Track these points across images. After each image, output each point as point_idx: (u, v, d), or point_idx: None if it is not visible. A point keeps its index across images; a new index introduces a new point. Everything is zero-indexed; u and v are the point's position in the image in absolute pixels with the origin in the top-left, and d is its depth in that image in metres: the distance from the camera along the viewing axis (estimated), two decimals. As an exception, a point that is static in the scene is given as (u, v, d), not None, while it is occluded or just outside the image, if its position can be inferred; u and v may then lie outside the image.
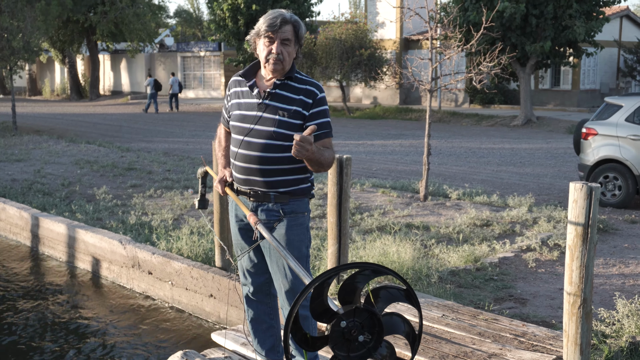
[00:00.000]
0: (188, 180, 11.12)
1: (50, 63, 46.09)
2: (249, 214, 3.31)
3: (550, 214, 8.26)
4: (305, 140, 2.96)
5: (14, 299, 6.92)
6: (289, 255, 2.71)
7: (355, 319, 2.21)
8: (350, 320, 2.20)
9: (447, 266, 6.19)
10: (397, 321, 2.36)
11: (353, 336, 2.21)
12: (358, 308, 2.22)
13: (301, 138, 2.95)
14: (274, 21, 3.27)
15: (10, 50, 19.07)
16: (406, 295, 2.33)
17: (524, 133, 20.62)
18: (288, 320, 2.20)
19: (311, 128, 3.02)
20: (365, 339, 2.23)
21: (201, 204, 3.87)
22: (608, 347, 4.20)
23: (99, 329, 6.09)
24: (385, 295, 2.33)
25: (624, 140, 9.16)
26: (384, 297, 2.32)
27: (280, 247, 2.81)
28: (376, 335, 2.24)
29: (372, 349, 2.25)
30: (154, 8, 38.95)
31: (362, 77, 26.77)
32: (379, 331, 2.24)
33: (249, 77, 3.45)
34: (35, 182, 10.87)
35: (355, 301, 2.25)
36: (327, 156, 3.26)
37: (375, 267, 2.27)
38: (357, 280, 2.27)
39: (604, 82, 29.19)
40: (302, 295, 2.19)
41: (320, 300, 2.25)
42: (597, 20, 20.88)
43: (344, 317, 2.20)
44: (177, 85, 30.88)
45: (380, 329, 2.24)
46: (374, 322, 2.23)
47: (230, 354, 4.38)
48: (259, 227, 3.15)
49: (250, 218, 3.28)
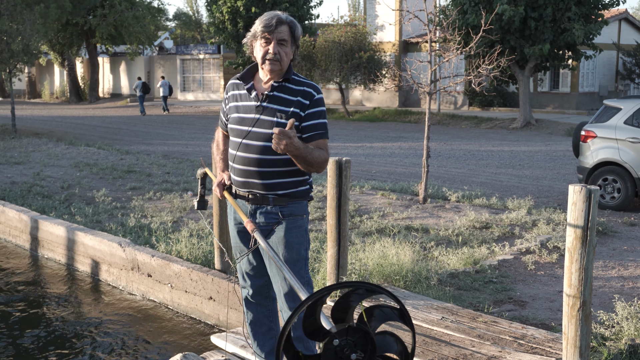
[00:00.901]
0: (187, 182, 11.12)
1: (49, 66, 46.12)
2: (246, 220, 3.27)
3: (549, 217, 8.27)
4: (282, 133, 2.99)
5: (13, 301, 6.91)
6: (285, 266, 2.72)
7: (348, 337, 2.22)
8: (342, 338, 2.20)
9: (446, 268, 6.19)
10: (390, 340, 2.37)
11: (345, 354, 2.22)
12: (351, 327, 2.23)
13: (279, 130, 2.99)
14: (270, 22, 3.28)
15: (9, 53, 19.09)
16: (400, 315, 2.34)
17: (523, 135, 20.64)
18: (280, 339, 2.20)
19: (290, 122, 3.04)
20: (357, 357, 2.24)
21: (200, 205, 3.87)
22: (607, 349, 4.20)
23: (98, 332, 6.09)
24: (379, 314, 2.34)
25: (623, 142, 9.17)
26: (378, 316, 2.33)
27: (277, 258, 2.81)
28: (369, 353, 2.25)
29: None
30: (153, 11, 38.99)
31: (362, 79, 26.79)
32: (371, 350, 2.25)
33: (246, 79, 3.46)
34: (34, 185, 10.87)
35: (348, 319, 2.26)
36: (317, 155, 3.24)
37: (369, 286, 2.28)
38: (351, 299, 2.28)
39: (602, 84, 29.23)
40: (294, 314, 2.19)
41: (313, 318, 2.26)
42: (596, 23, 20.91)
43: (336, 335, 2.20)
44: (166, 88, 31.29)
45: (373, 347, 2.25)
46: (367, 340, 2.24)
47: (229, 357, 4.38)
48: (256, 236, 3.12)
49: (248, 225, 3.23)
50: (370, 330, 2.25)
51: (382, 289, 2.27)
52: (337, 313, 2.26)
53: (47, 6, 29.90)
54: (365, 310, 2.28)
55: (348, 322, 2.24)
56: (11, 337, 5.97)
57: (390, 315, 2.35)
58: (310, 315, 2.24)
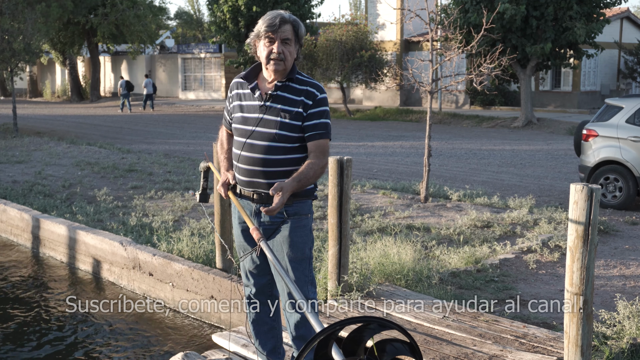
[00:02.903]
0: (189, 181, 11.13)
1: (51, 65, 46.14)
2: (252, 227, 3.16)
3: (550, 216, 8.26)
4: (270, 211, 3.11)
5: (14, 300, 6.92)
6: (289, 279, 2.71)
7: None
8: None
9: (447, 267, 6.19)
10: None
11: None
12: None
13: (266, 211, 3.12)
14: (273, 21, 3.28)
15: (11, 52, 19.09)
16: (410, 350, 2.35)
17: (524, 134, 20.63)
18: None
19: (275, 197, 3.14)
20: None
21: (202, 198, 3.86)
22: (609, 348, 4.20)
23: (99, 331, 6.10)
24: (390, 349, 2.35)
25: (625, 141, 9.16)
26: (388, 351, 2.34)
27: (282, 270, 2.79)
28: None
29: None
30: (155, 10, 39.00)
31: (363, 78, 26.78)
32: None
33: (250, 79, 3.45)
34: (36, 184, 10.88)
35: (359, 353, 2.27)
36: (311, 174, 3.26)
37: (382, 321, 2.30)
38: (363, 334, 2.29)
39: (604, 83, 29.20)
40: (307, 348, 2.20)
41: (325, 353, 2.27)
42: (597, 22, 20.89)
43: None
44: (150, 86, 32.13)
45: None
46: None
47: (231, 355, 4.38)
48: (262, 246, 3.03)
49: (254, 233, 3.13)
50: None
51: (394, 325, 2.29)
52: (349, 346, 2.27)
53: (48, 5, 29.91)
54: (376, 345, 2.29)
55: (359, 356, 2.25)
56: (12, 336, 5.98)
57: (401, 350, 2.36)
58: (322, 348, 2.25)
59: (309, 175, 3.25)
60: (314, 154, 3.32)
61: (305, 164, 3.29)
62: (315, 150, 3.33)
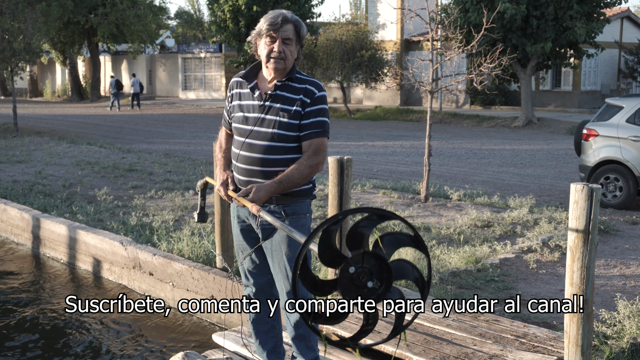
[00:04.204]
0: (189, 181, 11.13)
1: (51, 64, 46.14)
2: (250, 205, 3.18)
3: (551, 215, 8.26)
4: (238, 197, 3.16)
5: (14, 300, 6.92)
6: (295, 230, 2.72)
7: (364, 264, 2.22)
8: (358, 266, 2.20)
9: (448, 267, 6.19)
10: (406, 267, 2.36)
11: (362, 282, 2.22)
12: (366, 252, 2.22)
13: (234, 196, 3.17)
14: (276, 20, 3.27)
15: (11, 52, 19.09)
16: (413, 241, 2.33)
17: (524, 134, 20.62)
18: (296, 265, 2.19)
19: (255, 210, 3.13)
20: (374, 285, 2.24)
21: (200, 217, 3.87)
22: (609, 348, 4.20)
23: (99, 330, 6.10)
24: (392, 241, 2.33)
25: (625, 141, 9.16)
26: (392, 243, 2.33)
27: (284, 226, 2.80)
28: (385, 281, 2.24)
29: (382, 295, 2.26)
30: (155, 9, 39.00)
31: (363, 78, 26.78)
32: (387, 277, 2.24)
33: (250, 78, 3.44)
34: (36, 184, 10.88)
35: (363, 247, 2.26)
36: (296, 177, 3.24)
37: (382, 211, 2.28)
38: (363, 226, 2.27)
39: (604, 83, 29.19)
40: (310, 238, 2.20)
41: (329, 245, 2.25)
42: (597, 22, 20.89)
43: (352, 261, 2.20)
44: (137, 85, 32.71)
45: (389, 274, 2.25)
46: (383, 268, 2.23)
47: (231, 355, 4.38)
48: (262, 214, 3.07)
49: (253, 208, 3.15)
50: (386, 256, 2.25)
51: (395, 215, 2.28)
52: (351, 242, 2.26)
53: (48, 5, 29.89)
54: (380, 238, 2.28)
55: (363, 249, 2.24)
56: (12, 336, 5.98)
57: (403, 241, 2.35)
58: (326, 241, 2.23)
59: (293, 177, 3.23)
60: (306, 154, 3.29)
61: (293, 165, 3.27)
62: (308, 149, 3.29)
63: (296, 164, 3.26)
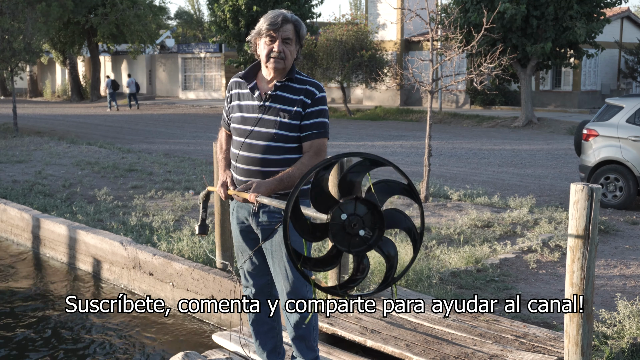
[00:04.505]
0: (189, 181, 11.13)
1: (51, 64, 46.14)
2: (248, 195, 3.16)
3: (551, 215, 8.26)
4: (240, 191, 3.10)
5: (14, 300, 6.92)
6: None
7: (356, 212, 2.20)
8: (350, 214, 2.18)
9: (448, 267, 6.19)
10: (398, 216, 2.34)
11: (354, 230, 2.20)
12: (358, 198, 2.21)
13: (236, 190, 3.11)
14: (275, 19, 3.27)
15: (11, 52, 19.09)
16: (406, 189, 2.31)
17: (524, 134, 20.62)
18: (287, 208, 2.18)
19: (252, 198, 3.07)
20: (366, 234, 2.22)
21: (202, 229, 3.88)
22: (609, 348, 4.20)
23: (99, 330, 6.10)
24: (384, 188, 2.31)
25: (625, 141, 9.16)
26: (384, 191, 2.31)
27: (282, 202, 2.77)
28: (377, 231, 2.22)
29: (373, 244, 2.24)
30: (155, 9, 39.00)
31: (363, 78, 26.77)
32: (379, 227, 2.22)
33: (249, 78, 3.44)
34: (36, 184, 10.88)
35: (355, 192, 2.24)
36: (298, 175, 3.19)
37: (374, 156, 2.27)
38: (355, 171, 2.25)
39: (604, 83, 29.19)
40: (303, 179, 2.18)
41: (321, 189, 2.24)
42: (597, 22, 20.89)
43: (344, 208, 2.18)
44: (133, 85, 33.12)
45: (381, 223, 2.23)
46: (375, 216, 2.22)
47: (231, 355, 4.38)
48: (259, 198, 3.06)
49: (251, 196, 3.13)
50: (378, 203, 2.23)
51: (387, 161, 2.26)
52: (343, 188, 2.24)
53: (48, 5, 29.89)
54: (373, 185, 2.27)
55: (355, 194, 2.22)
56: (11, 336, 5.98)
57: (396, 189, 2.33)
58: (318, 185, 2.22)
59: (294, 175, 3.20)
60: (307, 154, 3.29)
61: (294, 164, 3.27)
62: (309, 149, 3.29)
63: (297, 163, 3.26)
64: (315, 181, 2.22)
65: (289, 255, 2.26)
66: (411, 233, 2.36)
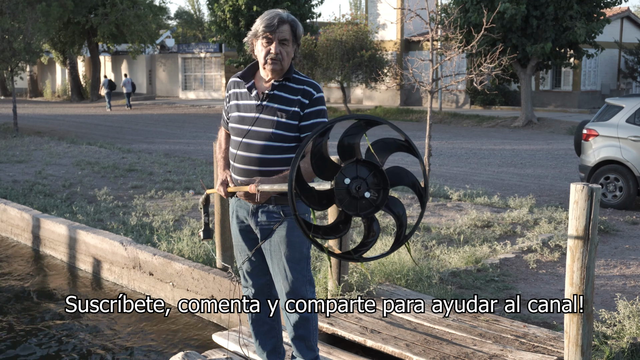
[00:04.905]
0: (189, 181, 11.13)
1: (51, 64, 46.14)
2: (248, 187, 3.16)
3: (551, 215, 8.26)
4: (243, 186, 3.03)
5: (15, 299, 6.92)
6: None
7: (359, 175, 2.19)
8: (353, 176, 2.18)
9: (448, 267, 6.19)
10: (401, 172, 2.34)
11: (359, 193, 2.19)
12: (359, 160, 2.20)
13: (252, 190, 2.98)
14: (272, 21, 3.26)
15: (11, 52, 19.09)
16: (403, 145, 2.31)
17: (524, 134, 20.62)
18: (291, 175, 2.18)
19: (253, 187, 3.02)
20: (372, 195, 2.22)
21: (206, 234, 3.89)
22: (609, 348, 4.20)
23: (99, 330, 6.10)
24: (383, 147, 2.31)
25: (625, 141, 9.16)
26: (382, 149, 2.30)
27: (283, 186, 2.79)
28: (382, 191, 2.22)
29: (380, 204, 2.23)
30: (155, 9, 38.99)
31: (363, 78, 26.77)
32: (384, 186, 2.22)
33: (247, 78, 3.45)
34: (36, 184, 10.88)
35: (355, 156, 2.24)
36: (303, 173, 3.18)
37: (368, 117, 2.26)
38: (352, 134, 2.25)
39: (604, 83, 29.19)
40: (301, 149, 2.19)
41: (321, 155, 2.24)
42: (597, 22, 20.89)
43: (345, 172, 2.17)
44: (129, 85, 33.35)
45: (385, 182, 2.22)
46: (378, 177, 2.21)
47: (231, 355, 4.38)
48: (260, 187, 3.05)
49: (251, 187, 3.13)
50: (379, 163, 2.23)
51: (382, 120, 2.26)
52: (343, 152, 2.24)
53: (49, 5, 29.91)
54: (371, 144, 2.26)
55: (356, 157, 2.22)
56: (11, 336, 5.98)
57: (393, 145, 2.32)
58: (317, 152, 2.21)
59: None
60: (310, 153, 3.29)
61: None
62: None
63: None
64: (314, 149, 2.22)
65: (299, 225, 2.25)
66: (415, 188, 2.36)
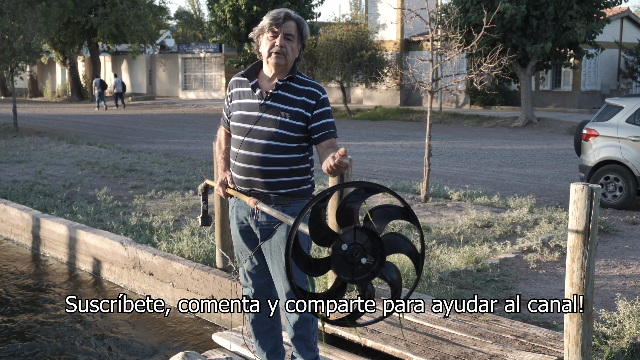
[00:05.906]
0: (189, 181, 11.13)
1: (51, 64, 46.13)
2: (247, 199, 3.31)
3: (551, 215, 8.26)
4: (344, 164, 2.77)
5: (14, 299, 6.92)
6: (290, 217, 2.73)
7: (356, 241, 2.20)
8: (351, 243, 2.19)
9: (448, 267, 6.19)
10: (399, 240, 2.34)
11: (355, 259, 2.20)
12: (357, 227, 2.21)
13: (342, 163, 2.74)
14: (278, 15, 3.31)
15: (11, 52, 19.09)
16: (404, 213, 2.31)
17: (524, 134, 20.62)
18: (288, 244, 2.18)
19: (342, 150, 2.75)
20: (368, 261, 2.22)
21: (204, 221, 3.92)
22: (609, 348, 4.20)
23: (99, 330, 6.10)
24: (382, 214, 2.31)
25: (625, 141, 9.16)
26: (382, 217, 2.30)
27: (280, 214, 2.86)
28: (379, 257, 2.23)
29: (376, 271, 2.24)
30: (155, 9, 39.00)
31: (363, 78, 26.77)
32: (380, 252, 2.23)
33: (251, 77, 3.46)
34: (36, 184, 10.88)
35: (353, 222, 2.24)
36: None
37: (369, 184, 2.26)
38: (352, 201, 2.25)
39: (604, 83, 29.19)
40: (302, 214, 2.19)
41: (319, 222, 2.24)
42: (597, 22, 20.89)
43: (343, 238, 2.18)
44: (120, 85, 33.86)
45: (382, 249, 2.23)
46: (375, 243, 2.22)
47: (231, 355, 4.38)
48: (259, 206, 3.14)
49: (250, 201, 3.27)
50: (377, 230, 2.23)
51: (382, 187, 2.26)
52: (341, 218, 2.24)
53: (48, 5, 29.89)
54: (370, 212, 2.27)
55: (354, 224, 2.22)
56: (11, 336, 5.98)
57: (393, 214, 2.33)
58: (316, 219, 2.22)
59: None
60: (330, 149, 3.27)
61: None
62: (331, 146, 3.30)
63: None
64: (313, 216, 2.23)
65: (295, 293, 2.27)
66: (412, 256, 2.36)
